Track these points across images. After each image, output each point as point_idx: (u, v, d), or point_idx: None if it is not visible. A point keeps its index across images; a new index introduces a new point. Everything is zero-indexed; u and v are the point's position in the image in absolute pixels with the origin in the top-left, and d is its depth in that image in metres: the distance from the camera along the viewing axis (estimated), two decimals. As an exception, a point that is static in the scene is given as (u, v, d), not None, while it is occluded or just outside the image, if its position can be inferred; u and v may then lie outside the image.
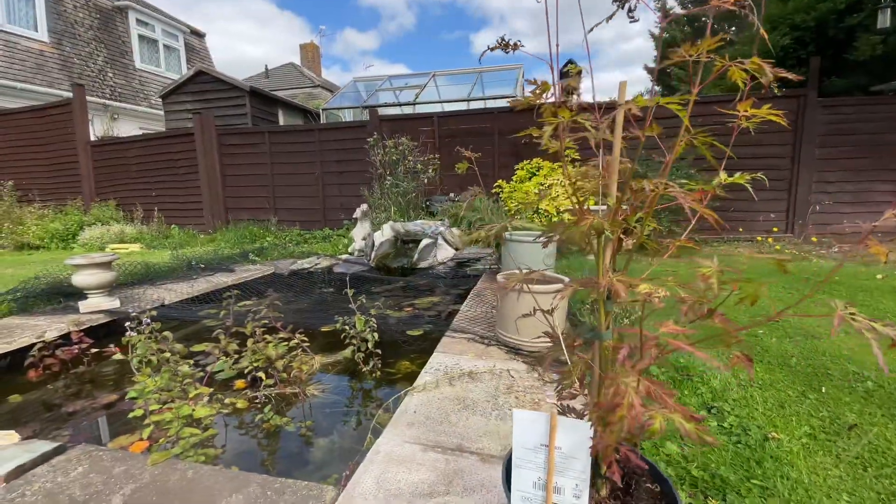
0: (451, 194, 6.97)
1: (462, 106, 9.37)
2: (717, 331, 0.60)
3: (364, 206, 6.37)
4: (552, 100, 0.77)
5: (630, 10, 0.69)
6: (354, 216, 6.41)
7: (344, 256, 5.99)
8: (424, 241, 5.39)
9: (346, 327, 2.74)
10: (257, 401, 2.24)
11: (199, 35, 16.14)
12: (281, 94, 13.12)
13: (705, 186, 0.71)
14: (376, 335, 2.66)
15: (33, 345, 2.86)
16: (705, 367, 2.29)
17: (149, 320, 2.09)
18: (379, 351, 2.66)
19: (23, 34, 11.01)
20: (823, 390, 2.13)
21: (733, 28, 15.18)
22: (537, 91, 0.69)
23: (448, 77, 10.63)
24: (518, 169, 6.58)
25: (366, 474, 1.43)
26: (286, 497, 1.33)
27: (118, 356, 3.05)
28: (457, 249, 5.54)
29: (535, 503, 0.73)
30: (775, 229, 6.20)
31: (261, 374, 2.42)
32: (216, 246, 6.97)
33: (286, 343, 2.61)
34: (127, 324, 2.01)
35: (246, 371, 2.47)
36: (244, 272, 5.12)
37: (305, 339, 2.71)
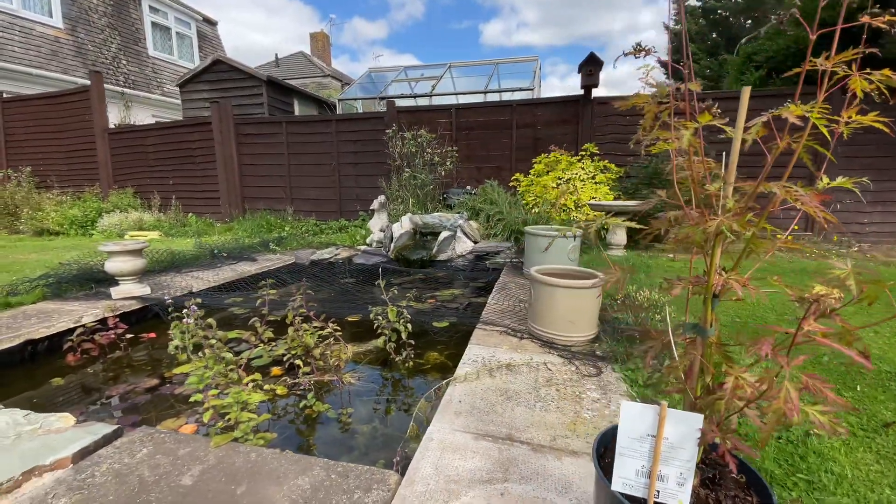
0: (468, 187, 6.98)
1: (478, 98, 9.34)
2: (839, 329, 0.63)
3: (381, 198, 6.40)
4: (650, 99, 0.79)
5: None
6: (372, 207, 6.44)
7: (362, 247, 6.03)
8: (444, 234, 5.42)
9: (380, 318, 2.78)
10: (300, 387, 2.29)
11: (212, 23, 16.10)
12: (291, 83, 13.10)
13: (807, 189, 0.73)
14: (409, 326, 2.70)
15: (71, 329, 2.93)
16: (742, 363, 2.31)
17: (195, 307, 2.14)
18: (412, 341, 2.70)
19: (38, 20, 11.03)
20: (858, 388, 2.15)
21: (749, 21, 14.94)
22: (656, 94, 0.72)
23: (464, 68, 10.58)
24: (536, 162, 6.57)
25: (423, 460, 1.47)
26: (350, 481, 1.37)
27: (152, 341, 3.12)
28: (475, 242, 5.57)
29: (637, 490, 0.77)
30: (795, 227, 6.17)
31: (298, 362, 2.47)
32: (234, 235, 7.03)
33: (319, 332, 2.66)
34: (184, 311, 2.06)
35: (284, 358, 2.52)
36: (266, 261, 5.18)
37: (338, 328, 2.76)
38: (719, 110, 0.71)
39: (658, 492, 0.75)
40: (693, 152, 0.76)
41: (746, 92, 0.74)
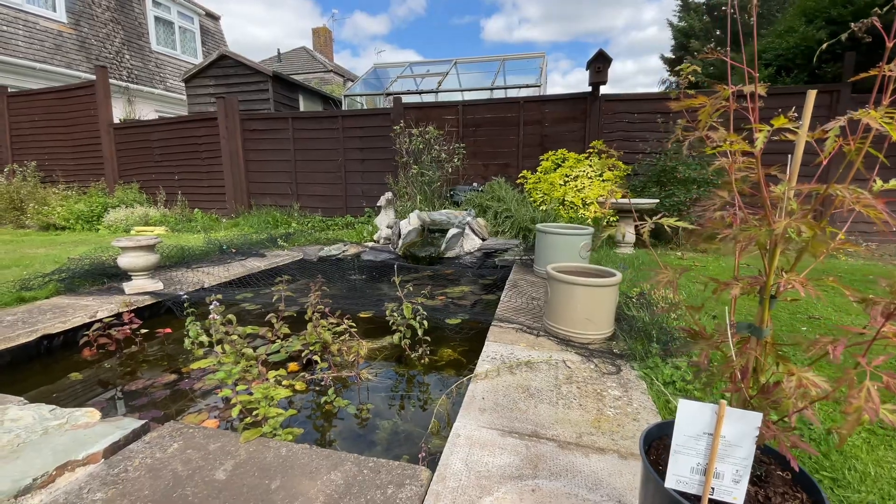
0: (475, 184, 6.97)
1: (485, 95, 9.31)
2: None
3: (388, 195, 6.40)
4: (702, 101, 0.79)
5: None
6: (379, 204, 6.44)
7: (370, 244, 6.04)
8: (452, 231, 5.42)
9: (394, 314, 2.79)
10: (322, 383, 2.30)
11: (214, 17, 16.04)
12: (295, 78, 13.06)
13: (865, 192, 0.74)
14: (426, 323, 2.71)
15: (86, 324, 2.94)
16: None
17: (217, 303, 2.15)
18: (427, 338, 2.71)
19: (42, 14, 11.00)
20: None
21: (751, 20, 14.87)
22: (718, 96, 0.72)
23: (470, 65, 10.54)
24: (543, 159, 6.57)
25: (452, 456, 1.48)
26: (382, 476, 1.38)
27: (167, 336, 3.13)
28: (483, 240, 5.57)
29: (690, 487, 0.78)
30: (801, 226, 6.16)
31: (316, 358, 2.48)
32: (240, 231, 7.03)
33: (334, 328, 2.67)
34: (211, 307, 2.06)
35: (302, 354, 2.53)
36: (275, 257, 5.18)
37: (352, 324, 2.77)
38: (796, 114, 0.72)
39: (713, 488, 0.77)
40: (741, 153, 0.77)
41: (812, 95, 0.74)
